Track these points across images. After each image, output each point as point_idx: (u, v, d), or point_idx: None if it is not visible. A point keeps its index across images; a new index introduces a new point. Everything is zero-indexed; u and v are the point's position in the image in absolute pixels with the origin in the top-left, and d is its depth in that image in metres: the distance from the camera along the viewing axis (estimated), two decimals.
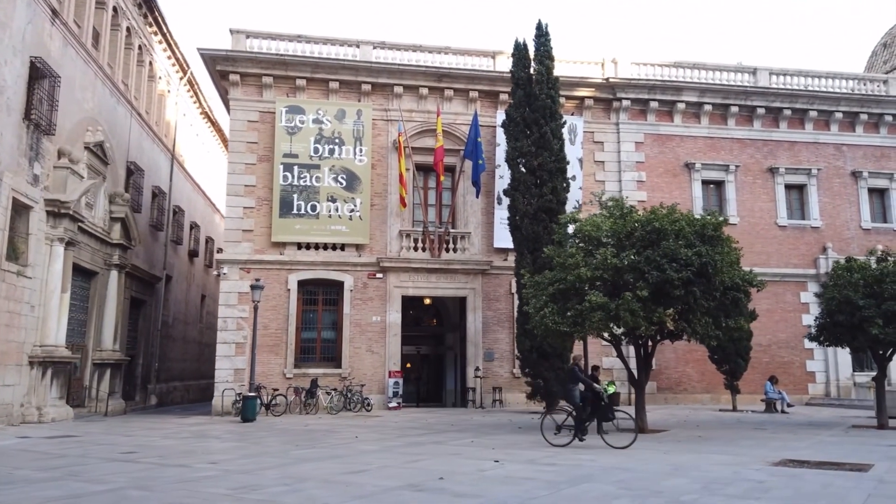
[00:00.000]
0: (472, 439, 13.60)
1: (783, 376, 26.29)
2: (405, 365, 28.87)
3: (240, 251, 23.38)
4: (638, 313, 13.79)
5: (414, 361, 29.46)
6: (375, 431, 15.58)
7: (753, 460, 10.28)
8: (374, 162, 24.75)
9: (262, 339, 22.97)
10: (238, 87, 24.23)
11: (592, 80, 26.34)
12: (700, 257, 13.83)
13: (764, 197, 27.35)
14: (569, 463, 9.92)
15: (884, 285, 15.75)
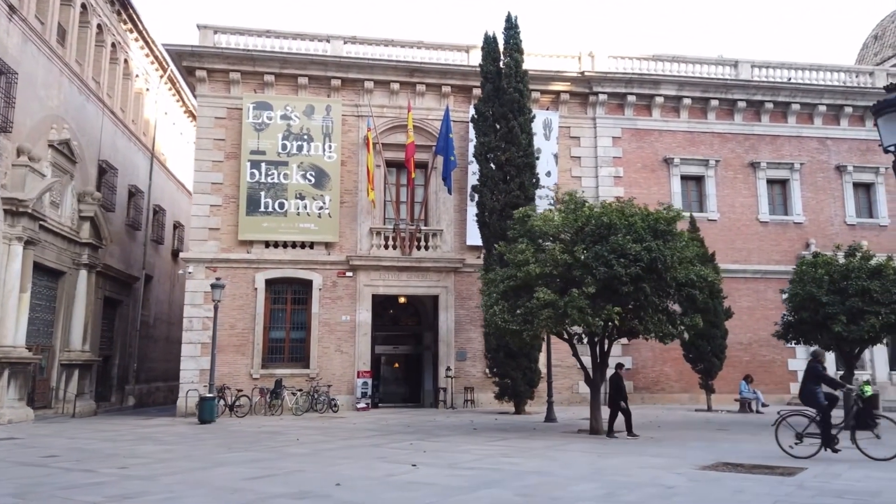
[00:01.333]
0: (414, 441, 13.19)
1: (765, 375, 25.76)
2: (387, 364, 28.53)
3: (206, 250, 23.05)
4: (586, 311, 13.34)
5: (392, 361, 29.07)
6: (324, 433, 15.20)
7: (687, 463, 9.82)
8: (345, 158, 24.37)
9: (228, 338, 22.67)
10: (205, 84, 23.91)
11: (568, 73, 25.86)
12: (650, 252, 13.35)
13: (745, 192, 26.78)
14: (489, 467, 9.49)
15: (849, 281, 15.22)
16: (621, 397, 14.75)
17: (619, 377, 15.14)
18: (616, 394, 14.83)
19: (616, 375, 15.16)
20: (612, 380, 15.13)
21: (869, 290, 14.85)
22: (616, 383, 14.98)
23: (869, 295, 14.86)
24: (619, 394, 14.81)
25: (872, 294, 14.79)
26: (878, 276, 15.23)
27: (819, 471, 9.00)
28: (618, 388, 14.90)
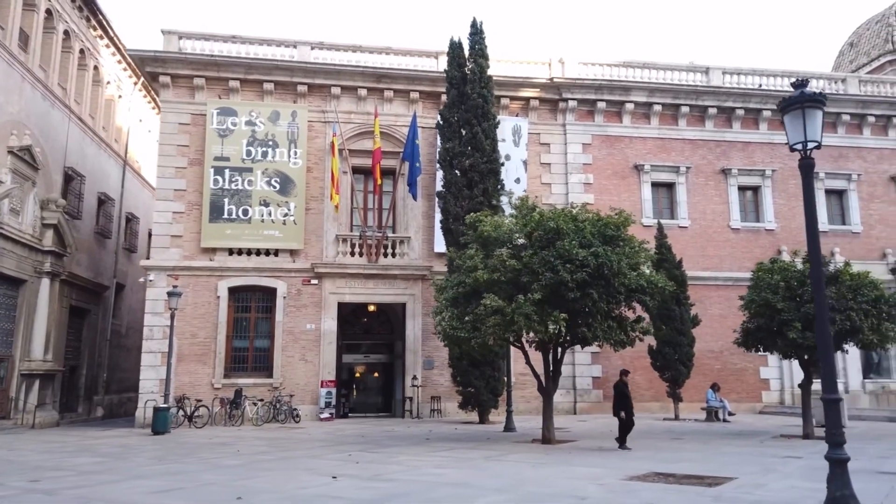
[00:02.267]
0: (355, 452, 12.85)
1: (736, 384, 25.52)
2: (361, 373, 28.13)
3: (167, 257, 22.72)
4: (532, 317, 13.06)
5: (364, 370, 28.69)
6: (270, 444, 14.84)
7: (617, 474, 9.53)
8: (311, 165, 24.11)
9: (189, 347, 22.32)
10: (169, 89, 23.65)
11: (537, 80, 25.71)
12: (596, 258, 13.09)
13: (717, 199, 26.61)
14: (410, 479, 9.18)
15: (805, 287, 14.98)
16: (624, 406, 13.86)
17: (623, 384, 14.28)
18: (620, 402, 13.96)
19: (620, 383, 14.32)
20: (616, 388, 14.32)
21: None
22: (621, 391, 14.14)
23: None
24: (622, 402, 13.91)
25: (828, 300, 14.53)
26: (835, 283, 15.00)
27: (746, 481, 8.72)
28: (623, 395, 14.04)
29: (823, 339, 6.79)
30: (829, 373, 6.70)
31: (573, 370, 24.57)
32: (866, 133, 27.94)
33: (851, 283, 14.86)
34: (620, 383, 14.34)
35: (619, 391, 14.15)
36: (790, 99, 7.03)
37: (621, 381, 14.38)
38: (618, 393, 14.15)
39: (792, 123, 6.93)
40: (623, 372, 14.85)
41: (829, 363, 6.75)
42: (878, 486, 8.45)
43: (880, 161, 27.93)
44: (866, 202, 27.53)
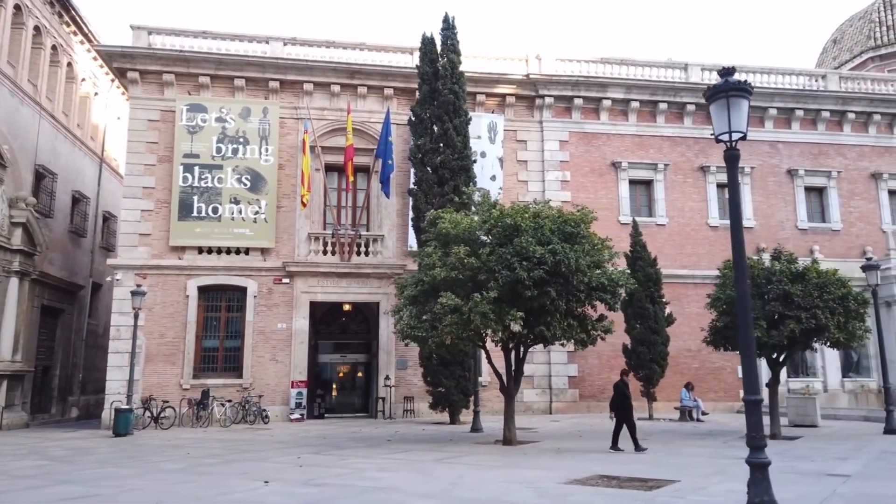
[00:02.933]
0: (307, 455, 12.56)
1: (714, 382, 25.29)
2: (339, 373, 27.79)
3: (136, 256, 22.38)
4: (489, 316, 12.77)
5: (342, 370, 28.37)
6: (225, 447, 14.53)
7: (559, 476, 9.25)
8: (283, 162, 23.79)
9: (157, 347, 21.99)
10: (138, 85, 23.31)
11: (513, 76, 25.41)
12: (554, 255, 12.80)
13: (695, 196, 26.35)
14: (344, 483, 8.89)
15: (771, 285, 14.72)
16: (623, 407, 13.41)
17: (623, 384, 13.77)
18: (620, 403, 13.51)
19: (620, 382, 13.83)
20: (617, 388, 13.80)
21: (790, 294, 14.35)
22: (621, 391, 13.63)
23: (790, 299, 14.37)
24: (621, 403, 13.46)
25: (793, 298, 14.30)
26: (801, 280, 14.74)
27: (688, 484, 8.44)
28: (623, 396, 13.55)
29: (746, 337, 6.52)
30: (750, 373, 6.42)
31: (549, 369, 24.31)
32: (846, 130, 27.71)
33: (818, 280, 14.59)
34: (621, 383, 13.83)
35: (620, 391, 13.62)
36: (715, 87, 6.75)
37: (622, 381, 13.86)
38: (618, 393, 13.63)
39: (717, 113, 6.65)
40: (623, 371, 14.20)
41: (751, 362, 6.47)
42: (821, 489, 8.19)
43: (861, 158, 27.71)
44: (846, 199, 27.31)
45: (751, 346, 6.53)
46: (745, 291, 6.66)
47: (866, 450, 12.45)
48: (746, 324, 6.50)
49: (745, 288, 6.74)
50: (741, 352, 6.65)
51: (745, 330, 6.51)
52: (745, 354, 6.51)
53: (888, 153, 27.91)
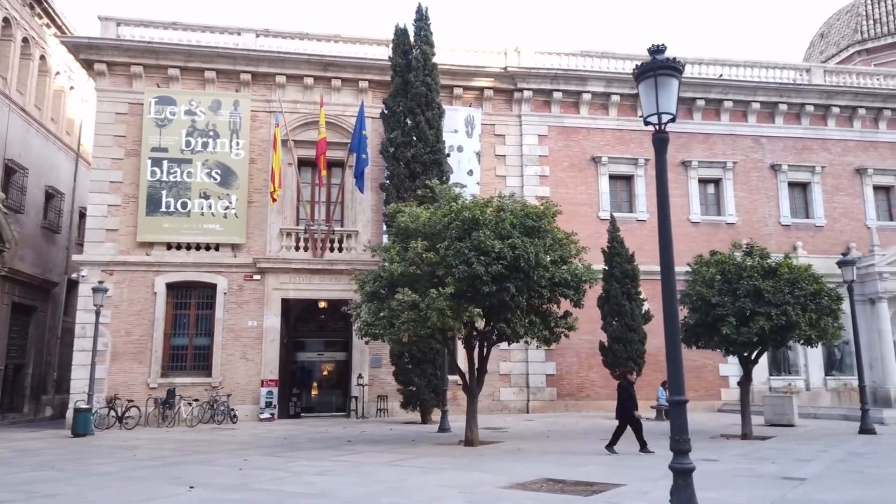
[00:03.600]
0: (256, 458, 12.10)
1: (695, 381, 24.83)
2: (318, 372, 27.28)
3: (102, 252, 21.88)
4: (445, 312, 12.31)
5: (320, 368, 27.87)
6: (179, 448, 14.07)
7: (503, 480, 8.82)
8: (255, 156, 23.29)
9: (124, 345, 21.52)
10: (105, 78, 22.78)
11: (491, 69, 24.93)
12: (513, 249, 12.35)
13: (676, 192, 25.81)
14: (272, 488, 8.44)
15: (742, 280, 14.28)
16: (629, 408, 12.73)
17: (628, 384, 13.12)
18: (626, 404, 12.79)
19: (624, 381, 13.15)
20: (621, 387, 13.08)
21: (761, 290, 13.92)
22: (626, 391, 12.94)
23: (760, 295, 13.93)
24: (628, 403, 12.78)
25: (764, 294, 13.86)
26: (773, 276, 14.30)
27: (633, 488, 8.00)
28: (628, 396, 12.85)
29: (672, 333, 6.07)
30: (675, 373, 5.98)
31: (526, 368, 23.88)
32: (831, 124, 27.29)
33: (790, 276, 14.16)
34: (625, 382, 13.14)
35: (625, 391, 12.92)
36: (642, 66, 6.30)
37: (626, 380, 13.18)
38: (623, 393, 12.93)
39: (646, 93, 6.20)
40: (626, 370, 13.50)
41: (676, 362, 6.02)
42: (770, 493, 7.76)
43: (845, 153, 27.30)
44: (830, 195, 26.90)
45: (675, 341, 6.08)
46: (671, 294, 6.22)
47: (834, 451, 12.04)
48: (672, 314, 6.07)
49: (672, 278, 6.30)
50: (667, 347, 6.21)
51: (670, 322, 6.07)
52: (671, 350, 6.06)
53: (873, 148, 27.51)
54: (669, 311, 6.12)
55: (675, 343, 6.05)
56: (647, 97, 6.15)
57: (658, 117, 6.14)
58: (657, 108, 6.12)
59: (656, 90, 6.06)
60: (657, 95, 6.07)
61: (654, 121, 6.18)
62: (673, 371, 6.02)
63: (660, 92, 6.05)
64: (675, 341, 6.05)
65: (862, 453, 11.71)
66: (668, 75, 6.06)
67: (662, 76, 6.03)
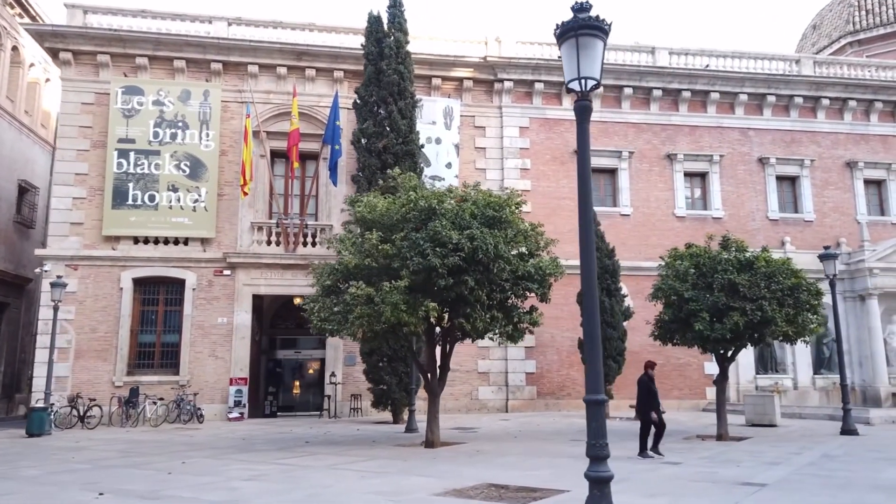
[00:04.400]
0: (200, 459, 11.47)
1: (679, 380, 24.24)
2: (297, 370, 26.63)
3: (66, 246, 21.24)
4: (400, 307, 11.65)
5: (300, 367, 27.21)
6: (126, 450, 13.43)
7: (441, 485, 8.17)
8: (226, 148, 22.63)
9: (88, 343, 20.88)
10: (71, 67, 22.11)
11: (470, 59, 24.25)
12: (471, 241, 11.69)
13: (661, 185, 25.23)
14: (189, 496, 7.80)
15: (717, 274, 13.63)
16: (648, 405, 11.77)
17: (649, 379, 12.02)
18: (645, 401, 11.82)
19: (645, 377, 12.06)
20: (641, 383, 12.04)
21: (736, 284, 13.25)
22: (646, 387, 11.90)
23: (736, 290, 13.27)
24: (648, 401, 11.81)
25: (739, 289, 13.20)
26: (749, 270, 13.64)
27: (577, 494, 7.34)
28: (649, 393, 11.82)
29: (591, 324, 5.41)
30: (593, 371, 5.32)
31: (506, 366, 23.22)
32: (821, 116, 26.60)
33: (766, 269, 13.49)
34: (645, 377, 12.01)
35: (645, 387, 11.85)
36: (563, 25, 5.62)
37: (646, 375, 12.03)
38: (643, 389, 11.87)
39: (567, 56, 5.52)
40: (648, 364, 12.27)
41: (595, 359, 5.36)
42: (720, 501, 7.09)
43: (835, 146, 26.61)
44: (820, 189, 26.21)
45: (595, 336, 5.42)
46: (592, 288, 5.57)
47: (807, 453, 11.39)
48: (591, 308, 5.41)
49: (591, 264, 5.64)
50: (585, 342, 5.54)
51: (589, 316, 5.41)
52: (590, 346, 5.40)
53: (864, 141, 26.82)
54: (589, 303, 5.46)
55: (593, 336, 5.38)
56: (569, 60, 5.49)
57: (580, 83, 5.46)
58: (578, 73, 5.44)
59: (577, 52, 5.39)
60: (578, 58, 5.39)
61: (576, 87, 5.50)
62: (590, 367, 5.37)
63: (581, 54, 5.39)
64: (594, 334, 5.38)
65: (836, 456, 11.05)
66: (591, 35, 5.39)
67: (585, 36, 5.36)
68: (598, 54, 5.47)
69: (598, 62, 5.52)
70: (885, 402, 23.66)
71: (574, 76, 5.46)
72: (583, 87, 5.48)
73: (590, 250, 5.59)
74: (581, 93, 5.52)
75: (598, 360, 5.31)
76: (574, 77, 5.47)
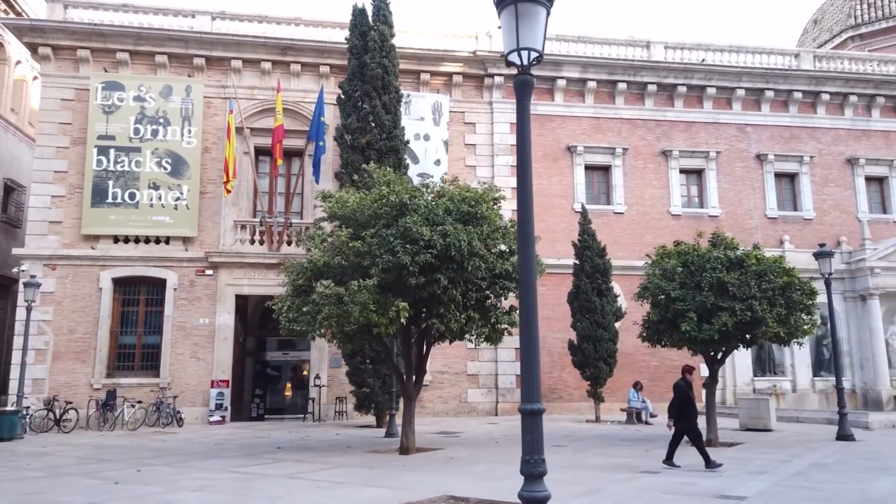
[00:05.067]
0: (158, 468, 10.94)
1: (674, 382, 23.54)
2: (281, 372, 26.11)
3: (45, 245, 20.77)
4: (369, 306, 11.10)
5: (284, 368, 26.70)
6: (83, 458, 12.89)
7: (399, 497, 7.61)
8: (209, 144, 22.13)
9: (67, 344, 20.40)
10: (51, 62, 21.66)
11: (459, 53, 23.69)
12: (444, 237, 11.13)
13: (656, 183, 24.61)
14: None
15: (706, 273, 13.02)
16: (686, 413, 10.74)
17: (687, 385, 10.97)
18: (681, 408, 10.79)
19: (682, 382, 11.00)
20: (678, 389, 10.96)
21: (725, 283, 12.65)
22: (684, 393, 10.86)
23: (725, 289, 12.67)
24: (686, 409, 10.79)
25: (728, 288, 12.59)
26: (739, 268, 13.03)
27: None
28: (687, 400, 10.82)
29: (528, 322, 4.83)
30: (529, 376, 4.74)
31: (496, 368, 22.64)
32: (820, 112, 25.94)
33: (757, 268, 12.89)
34: (682, 382, 10.97)
35: (683, 393, 10.82)
36: None
37: (684, 380, 10.99)
38: (680, 395, 10.84)
39: (506, 25, 4.94)
40: (686, 369, 11.23)
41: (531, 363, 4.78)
42: None
43: (836, 142, 25.94)
44: (820, 186, 25.55)
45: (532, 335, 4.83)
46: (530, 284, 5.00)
47: (797, 461, 10.78)
48: (528, 306, 4.83)
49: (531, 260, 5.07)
50: (521, 344, 4.95)
51: (525, 314, 4.84)
52: (526, 346, 4.81)
53: (865, 137, 26.14)
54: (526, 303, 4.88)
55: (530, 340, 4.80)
56: (508, 30, 4.90)
57: (520, 55, 4.89)
58: (518, 44, 4.87)
59: (517, 21, 4.82)
60: (518, 28, 4.82)
61: (516, 60, 4.93)
62: (527, 373, 4.79)
63: (521, 23, 4.81)
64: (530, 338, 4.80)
65: (827, 464, 10.43)
66: (532, 1, 4.81)
67: (526, 2, 4.79)
68: (540, 23, 4.90)
69: (541, 32, 4.95)
70: (886, 405, 22.99)
71: (513, 47, 4.88)
72: (523, 60, 4.90)
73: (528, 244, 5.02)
74: (522, 66, 4.94)
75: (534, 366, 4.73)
76: (513, 48, 4.89)
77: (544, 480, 4.58)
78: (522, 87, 5.01)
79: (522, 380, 4.91)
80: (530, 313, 4.77)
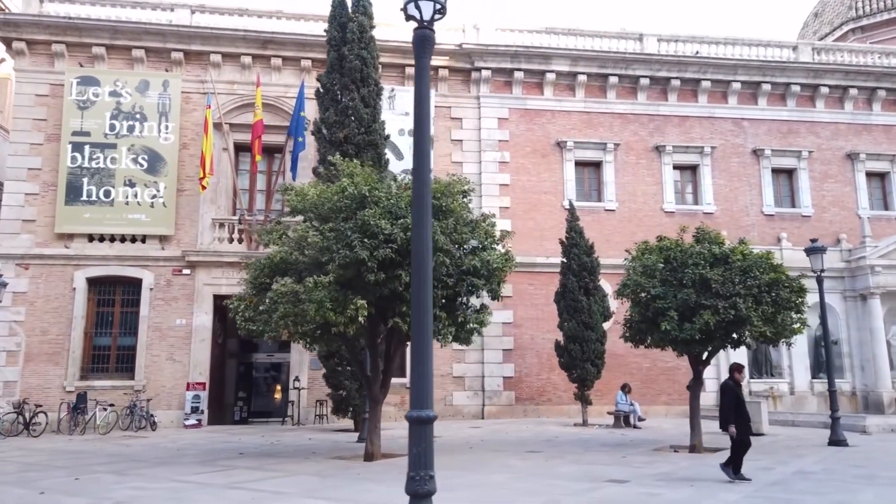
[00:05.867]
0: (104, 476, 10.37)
1: (667, 384, 22.87)
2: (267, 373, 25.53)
3: (17, 244, 20.24)
4: (325, 304, 10.47)
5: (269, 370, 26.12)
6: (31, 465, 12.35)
7: None
8: (186, 141, 21.58)
9: (39, 346, 19.88)
10: (25, 57, 21.17)
11: (446, 46, 23.03)
12: (405, 231, 10.49)
13: (649, 179, 23.90)
14: None
15: (687, 269, 12.33)
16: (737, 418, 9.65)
17: (735, 384, 9.95)
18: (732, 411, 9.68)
19: (731, 382, 10.00)
20: (726, 389, 9.95)
21: (707, 279, 11.95)
22: (734, 394, 9.79)
23: (707, 286, 11.97)
24: (737, 411, 9.71)
25: (711, 285, 11.90)
26: (724, 264, 12.33)
27: None
28: (737, 401, 9.78)
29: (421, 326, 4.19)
30: (419, 380, 4.10)
31: (482, 369, 21.97)
32: (819, 106, 25.15)
33: (742, 264, 12.18)
34: (732, 382, 9.95)
35: (733, 394, 9.76)
36: None
37: (732, 379, 10.00)
38: (730, 397, 9.76)
39: None
40: (735, 367, 10.12)
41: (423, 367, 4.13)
42: None
43: (835, 137, 25.15)
44: (819, 182, 24.76)
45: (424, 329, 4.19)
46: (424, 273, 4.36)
47: (780, 469, 10.07)
48: (421, 299, 4.19)
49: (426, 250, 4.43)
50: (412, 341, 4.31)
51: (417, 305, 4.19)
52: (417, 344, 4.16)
53: (866, 131, 25.34)
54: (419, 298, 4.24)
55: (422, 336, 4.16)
56: None
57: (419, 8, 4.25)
58: None
59: None
60: None
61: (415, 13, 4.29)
62: (417, 377, 4.15)
63: None
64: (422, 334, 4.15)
65: (811, 472, 9.72)
66: None
67: None
68: None
69: None
70: (888, 408, 22.18)
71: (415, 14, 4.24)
72: (423, 14, 4.26)
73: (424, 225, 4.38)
74: (421, 20, 4.31)
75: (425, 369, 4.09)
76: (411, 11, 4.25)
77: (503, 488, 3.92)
78: (422, 43, 4.42)
79: (412, 382, 4.27)
80: (422, 305, 4.13)
